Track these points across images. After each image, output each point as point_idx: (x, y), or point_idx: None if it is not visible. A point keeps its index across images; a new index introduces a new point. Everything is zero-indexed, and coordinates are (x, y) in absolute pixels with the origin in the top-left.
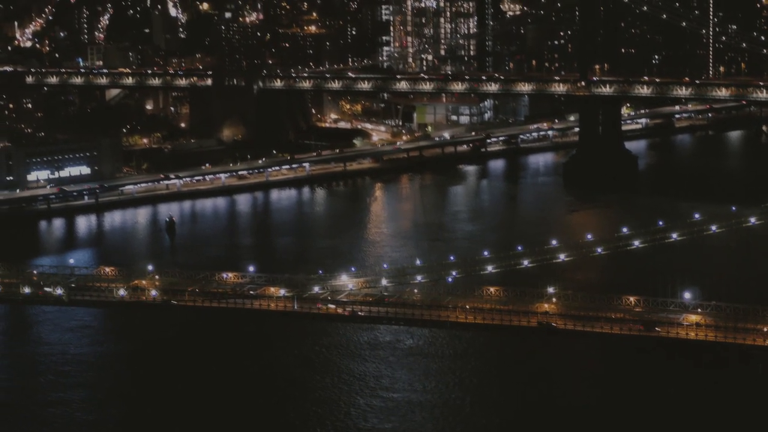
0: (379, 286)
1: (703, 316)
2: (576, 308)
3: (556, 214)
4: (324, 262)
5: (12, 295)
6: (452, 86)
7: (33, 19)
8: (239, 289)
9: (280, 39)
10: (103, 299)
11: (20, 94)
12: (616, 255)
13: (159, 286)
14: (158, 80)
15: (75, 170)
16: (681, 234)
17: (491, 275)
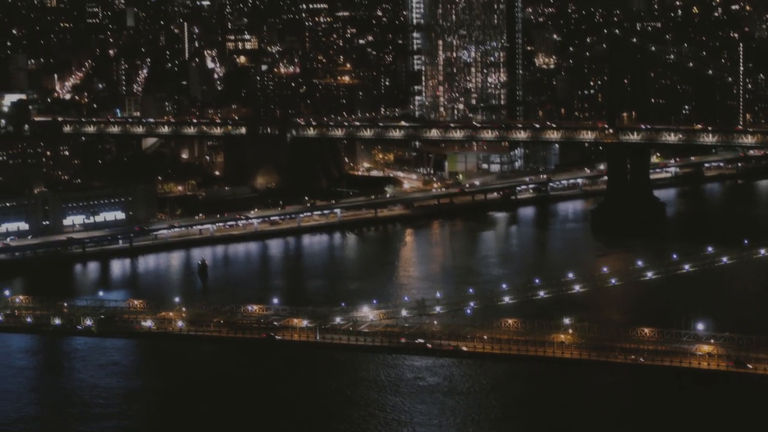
0: (399, 317)
1: (715, 346)
2: (592, 339)
3: (584, 259)
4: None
5: (43, 326)
6: (482, 134)
7: (73, 73)
8: (264, 321)
9: (314, 89)
10: (131, 330)
11: (58, 142)
12: (631, 286)
13: (185, 318)
14: (193, 129)
15: (110, 215)
16: (693, 266)
17: (509, 306)
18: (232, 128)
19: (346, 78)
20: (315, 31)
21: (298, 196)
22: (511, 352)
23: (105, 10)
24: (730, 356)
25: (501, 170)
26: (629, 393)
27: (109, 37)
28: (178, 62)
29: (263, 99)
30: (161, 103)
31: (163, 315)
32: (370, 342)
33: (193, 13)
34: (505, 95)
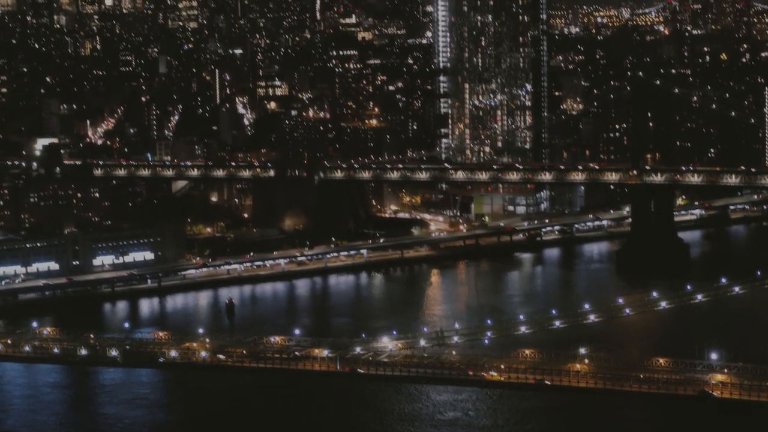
0: (418, 347)
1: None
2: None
3: (607, 298)
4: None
5: (69, 356)
6: (507, 176)
7: (105, 119)
8: (286, 351)
9: (342, 133)
10: (155, 360)
11: (88, 184)
12: (646, 316)
13: (209, 348)
14: (223, 172)
15: (139, 255)
16: (706, 296)
17: (526, 337)
18: (261, 171)
19: (373, 122)
20: (345, 77)
21: (325, 237)
22: (528, 381)
23: (138, 59)
24: (743, 385)
25: (526, 212)
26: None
27: (141, 84)
28: (209, 108)
29: (292, 143)
30: (191, 146)
31: (186, 346)
32: (390, 372)
33: (224, 61)
34: (530, 138)
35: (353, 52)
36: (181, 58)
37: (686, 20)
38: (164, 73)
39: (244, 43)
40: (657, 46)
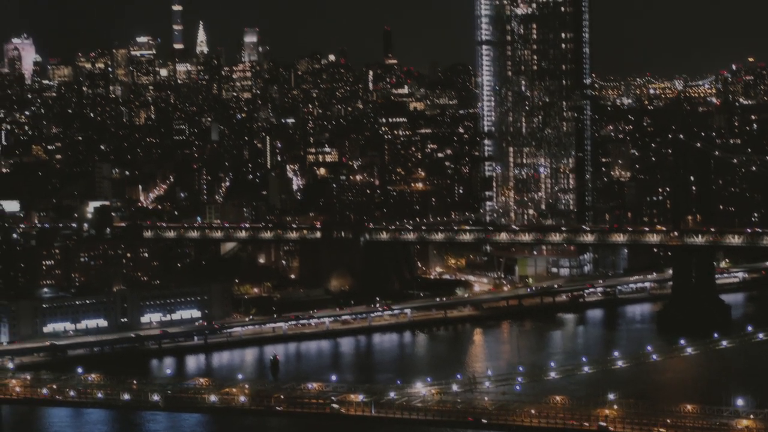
0: (450, 392)
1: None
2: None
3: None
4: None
5: (113, 401)
6: (550, 237)
7: (157, 185)
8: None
9: (389, 196)
10: (196, 405)
11: (138, 245)
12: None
13: (248, 393)
14: (270, 234)
15: (186, 313)
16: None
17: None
18: (308, 233)
19: (419, 185)
20: (394, 144)
21: (370, 297)
22: (557, 426)
23: (192, 127)
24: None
25: (570, 274)
26: None
27: (194, 151)
28: (260, 174)
29: (339, 206)
30: (240, 209)
31: (226, 391)
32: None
33: (276, 129)
34: (574, 201)
35: (403, 119)
36: (234, 126)
37: (738, 91)
38: (216, 140)
39: (297, 112)
40: (708, 116)
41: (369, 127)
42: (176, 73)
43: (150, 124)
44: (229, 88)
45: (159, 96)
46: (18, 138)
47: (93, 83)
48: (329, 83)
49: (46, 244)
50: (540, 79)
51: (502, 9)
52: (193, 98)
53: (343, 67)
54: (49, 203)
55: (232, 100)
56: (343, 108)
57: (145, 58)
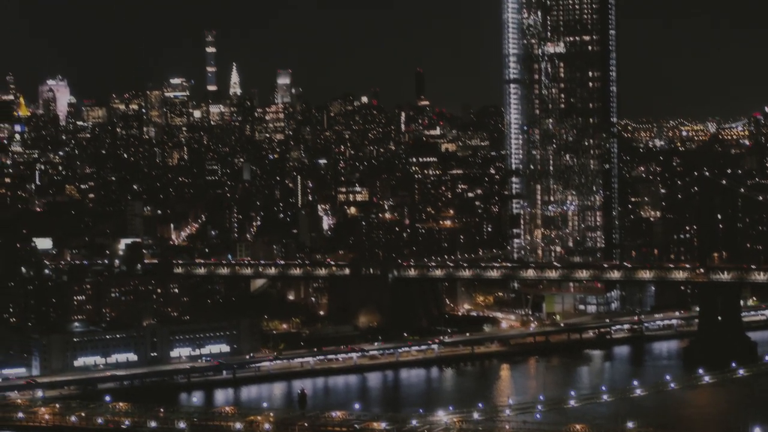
0: (472, 421)
1: None
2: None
3: (671, 391)
4: None
5: (139, 428)
6: (577, 274)
7: (189, 223)
8: (345, 424)
9: (417, 233)
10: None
11: (168, 281)
12: (689, 391)
13: (273, 421)
14: (299, 270)
15: (215, 348)
16: (747, 371)
17: (577, 410)
18: (337, 269)
19: (448, 223)
20: (424, 184)
21: (398, 333)
22: None
23: (224, 168)
24: None
25: (597, 311)
26: None
27: (226, 191)
28: (291, 213)
29: (368, 243)
30: (270, 247)
31: (251, 419)
32: None
33: (308, 169)
34: (601, 238)
35: (433, 159)
36: (266, 166)
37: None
38: (248, 179)
39: (329, 153)
40: (740, 158)
41: (400, 167)
42: (209, 114)
43: (183, 164)
44: (261, 130)
45: (192, 137)
46: (52, 178)
47: (127, 124)
48: (362, 125)
49: (77, 279)
50: (567, 117)
51: (530, 48)
52: (225, 139)
53: (375, 108)
54: (82, 241)
55: (264, 141)
56: (375, 149)
57: (179, 99)
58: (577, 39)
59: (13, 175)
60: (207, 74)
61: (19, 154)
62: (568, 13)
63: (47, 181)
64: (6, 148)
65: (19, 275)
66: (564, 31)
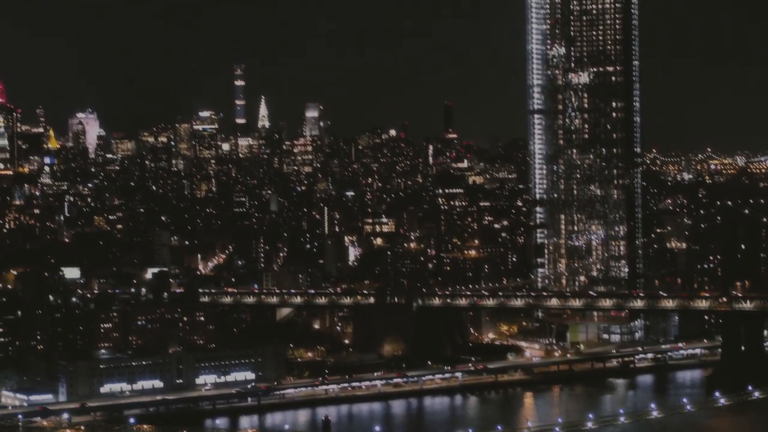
0: None
1: None
2: None
3: (695, 419)
4: None
5: None
6: (600, 303)
7: (216, 254)
8: None
9: (442, 263)
10: None
11: (194, 309)
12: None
13: None
14: (325, 299)
15: (240, 375)
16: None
17: None
18: (362, 298)
19: (473, 252)
20: (450, 215)
21: (422, 362)
22: None
23: (252, 200)
24: None
25: (621, 340)
26: None
27: (253, 223)
28: (317, 244)
29: (393, 273)
30: (296, 276)
31: None
32: None
33: (335, 201)
34: (625, 268)
35: (459, 190)
36: (293, 198)
37: None
38: (275, 211)
39: (356, 185)
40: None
41: (427, 199)
42: (238, 147)
43: (211, 196)
44: (290, 162)
45: (220, 169)
46: (80, 210)
47: (156, 157)
48: (389, 157)
49: (104, 307)
50: (591, 147)
51: (554, 79)
52: (254, 172)
53: (403, 141)
54: (109, 271)
55: (292, 174)
56: (402, 182)
57: (208, 132)
58: (601, 70)
59: (42, 207)
60: (236, 107)
61: (48, 186)
62: (591, 44)
63: (76, 212)
64: (35, 180)
65: (46, 303)
66: (588, 62)
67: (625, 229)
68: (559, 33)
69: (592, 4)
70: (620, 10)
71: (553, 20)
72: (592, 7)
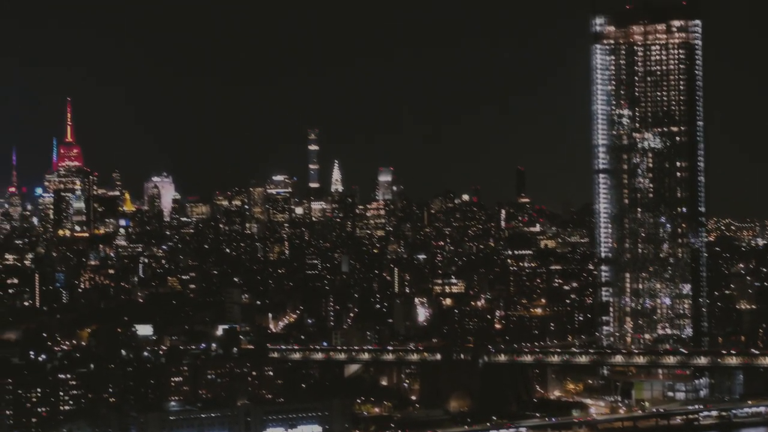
0: None
1: None
2: None
3: None
4: None
5: None
6: (664, 360)
7: (287, 314)
8: None
9: (508, 321)
10: None
11: (263, 363)
12: None
13: None
14: (392, 356)
15: (307, 429)
16: None
17: None
18: (428, 355)
19: (539, 310)
20: (519, 276)
21: (488, 418)
22: None
23: (324, 262)
24: None
25: (686, 398)
26: None
27: (324, 284)
28: (387, 304)
29: (460, 330)
30: (364, 334)
31: None
32: None
33: (406, 262)
34: (690, 327)
35: (528, 252)
36: (365, 260)
37: None
38: (346, 272)
39: (428, 248)
40: None
41: (499, 263)
42: (311, 210)
43: (283, 258)
44: (362, 226)
45: (294, 233)
46: (154, 271)
47: (230, 220)
48: (462, 221)
49: (175, 361)
50: (656, 206)
51: (618, 139)
52: (326, 235)
53: (475, 205)
54: (181, 328)
55: (365, 237)
56: (474, 245)
57: (281, 196)
58: (665, 130)
59: (117, 268)
60: (309, 171)
61: (124, 247)
62: (656, 105)
63: (150, 273)
64: (111, 241)
65: (119, 357)
66: (652, 122)
67: (690, 288)
68: (624, 94)
69: (656, 66)
70: (684, 71)
71: (617, 81)
72: (657, 69)
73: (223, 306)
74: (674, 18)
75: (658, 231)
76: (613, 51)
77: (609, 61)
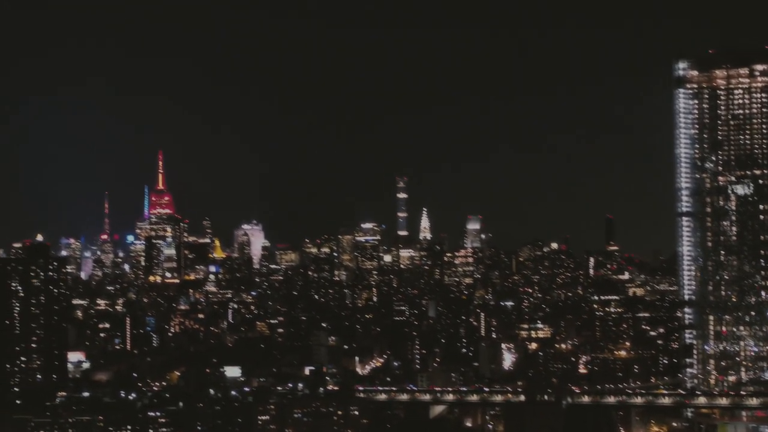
0: None
1: None
2: None
3: None
4: None
5: None
6: (748, 402)
7: (374, 358)
8: None
9: (593, 363)
10: None
11: (349, 403)
12: None
13: None
14: (476, 397)
15: None
16: None
17: None
18: (512, 396)
19: (622, 353)
20: (606, 321)
21: None
22: None
23: (412, 309)
24: None
25: None
26: None
27: (411, 330)
28: (473, 348)
29: (545, 372)
30: (449, 376)
31: None
32: None
33: (493, 308)
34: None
35: (614, 297)
36: (452, 306)
37: None
38: (433, 317)
39: (515, 295)
40: None
41: (587, 310)
42: (399, 258)
43: (371, 304)
44: (450, 273)
45: (382, 280)
46: (244, 316)
47: (318, 267)
48: (550, 269)
49: (262, 401)
50: (739, 249)
51: (702, 182)
52: (415, 282)
53: (564, 253)
54: (269, 370)
55: (453, 285)
56: (562, 293)
57: (370, 243)
58: (749, 173)
59: (207, 313)
60: (398, 219)
61: (213, 293)
62: (739, 148)
63: (239, 319)
64: (201, 287)
65: (207, 396)
66: (735, 165)
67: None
68: (707, 137)
69: (739, 109)
70: (767, 115)
71: (701, 125)
72: (740, 112)
73: (310, 349)
74: (757, 62)
75: (742, 274)
76: (696, 95)
77: (692, 105)
